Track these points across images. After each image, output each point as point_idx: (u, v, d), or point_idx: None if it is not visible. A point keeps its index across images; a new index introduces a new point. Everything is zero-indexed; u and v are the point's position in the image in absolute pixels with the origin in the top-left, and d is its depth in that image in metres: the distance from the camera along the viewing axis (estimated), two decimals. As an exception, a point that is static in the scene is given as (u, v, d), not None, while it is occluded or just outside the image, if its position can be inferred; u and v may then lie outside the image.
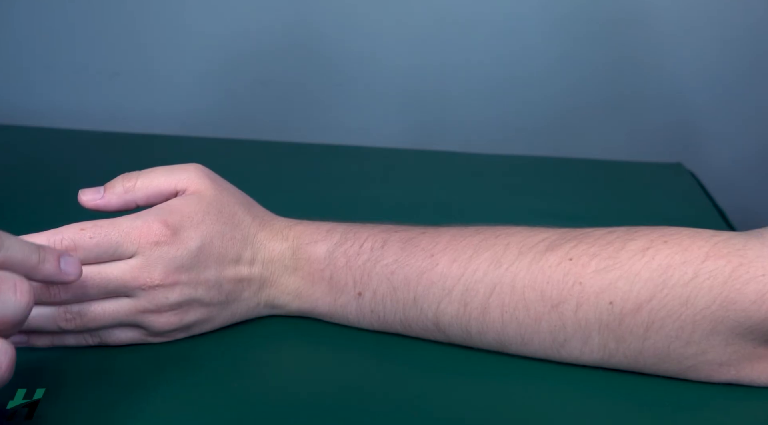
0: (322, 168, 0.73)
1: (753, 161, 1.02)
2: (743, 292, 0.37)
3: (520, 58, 0.99)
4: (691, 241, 0.39)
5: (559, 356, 0.41)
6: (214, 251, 0.42)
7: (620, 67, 0.99)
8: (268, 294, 0.45)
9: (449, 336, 0.43)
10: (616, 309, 0.39)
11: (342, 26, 1.00)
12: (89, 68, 1.04)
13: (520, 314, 0.40)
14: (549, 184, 0.72)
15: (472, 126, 1.02)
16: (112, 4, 1.01)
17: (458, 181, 0.73)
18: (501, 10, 0.97)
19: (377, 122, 1.03)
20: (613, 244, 0.40)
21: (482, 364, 0.42)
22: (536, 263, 0.40)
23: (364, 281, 0.43)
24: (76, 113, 1.04)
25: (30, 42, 1.03)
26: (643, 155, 0.89)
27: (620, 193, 0.71)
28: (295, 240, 0.44)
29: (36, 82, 1.06)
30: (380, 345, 0.44)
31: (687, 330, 0.38)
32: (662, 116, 1.01)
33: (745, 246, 0.38)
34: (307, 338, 0.45)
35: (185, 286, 0.41)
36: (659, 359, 0.39)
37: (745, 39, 0.96)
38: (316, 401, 0.39)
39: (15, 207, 0.61)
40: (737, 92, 0.99)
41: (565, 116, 1.02)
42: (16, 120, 0.95)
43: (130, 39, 1.02)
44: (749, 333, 0.38)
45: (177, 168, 0.44)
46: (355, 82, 1.02)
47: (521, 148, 0.94)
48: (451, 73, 1.01)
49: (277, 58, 1.02)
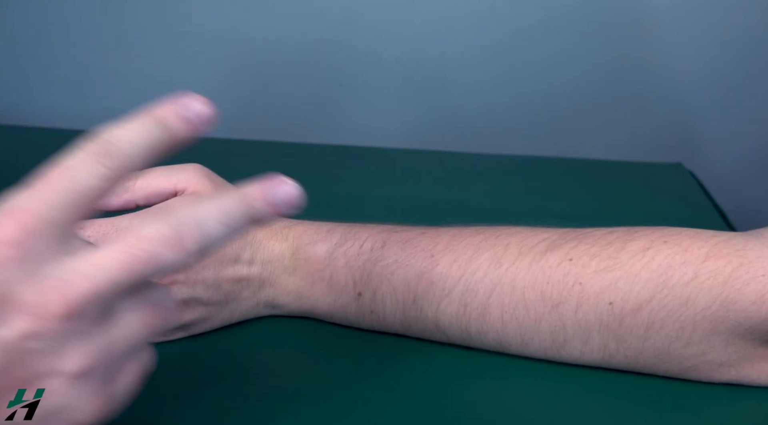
0: (322, 168, 0.73)
1: (753, 161, 1.02)
2: (743, 292, 0.37)
3: (520, 58, 0.99)
4: (691, 241, 0.39)
5: (559, 356, 0.41)
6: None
7: (620, 66, 0.99)
8: (268, 294, 0.45)
9: (449, 337, 0.43)
10: (616, 310, 0.39)
11: (342, 26, 1.00)
12: (89, 68, 1.04)
13: (520, 314, 0.40)
14: (549, 184, 0.72)
15: (472, 126, 1.02)
16: (112, 4, 1.01)
17: (458, 181, 0.73)
18: (501, 12, 0.97)
19: (377, 122, 1.03)
20: (613, 244, 0.40)
21: (482, 364, 0.42)
22: (536, 263, 0.40)
23: (364, 281, 0.43)
24: (76, 113, 1.04)
25: (30, 42, 1.03)
26: (643, 155, 0.89)
27: (620, 193, 0.71)
28: (294, 241, 0.44)
29: (36, 82, 1.06)
30: (380, 345, 0.44)
31: (687, 330, 0.38)
32: (662, 116, 1.01)
33: (745, 247, 0.38)
34: (307, 338, 0.45)
35: (183, 285, 0.41)
36: (659, 359, 0.39)
37: (745, 39, 0.96)
38: (316, 401, 0.39)
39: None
40: (737, 92, 0.99)
41: (565, 115, 1.01)
42: (16, 120, 0.95)
43: (130, 39, 1.02)
44: (749, 333, 0.38)
45: (177, 168, 0.44)
46: (356, 83, 1.02)
47: (521, 148, 0.94)
48: (451, 73, 1.01)
49: (277, 58, 1.02)
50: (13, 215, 0.26)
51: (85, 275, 0.26)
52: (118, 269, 0.27)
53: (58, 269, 0.26)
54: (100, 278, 0.26)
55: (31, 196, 0.27)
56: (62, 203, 0.27)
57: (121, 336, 0.28)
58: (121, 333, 0.28)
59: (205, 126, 0.29)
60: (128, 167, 0.28)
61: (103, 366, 0.28)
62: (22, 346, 0.26)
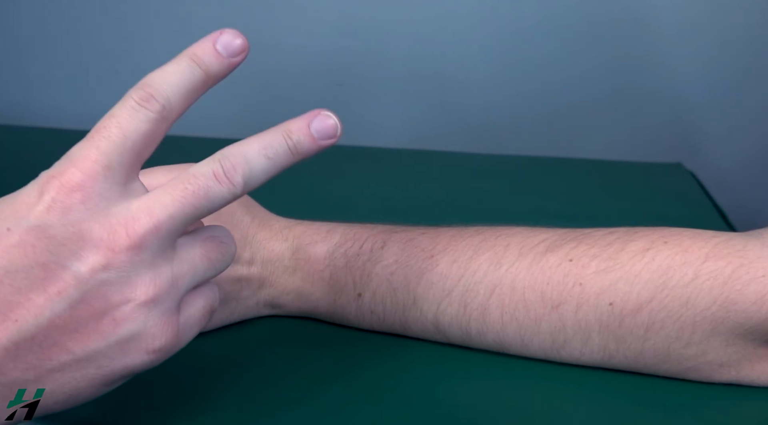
0: (323, 168, 0.73)
1: (753, 161, 1.02)
2: (743, 293, 0.37)
3: (519, 58, 0.99)
4: (691, 242, 0.39)
5: (559, 357, 0.41)
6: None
7: (620, 66, 0.99)
8: (268, 294, 0.45)
9: (449, 337, 0.43)
10: (616, 310, 0.39)
11: (342, 26, 1.00)
12: (89, 68, 1.04)
13: (520, 315, 0.40)
14: (549, 184, 0.72)
15: (471, 126, 1.02)
16: (112, 4, 1.01)
17: (458, 181, 0.73)
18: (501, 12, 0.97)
19: (377, 121, 1.03)
20: (613, 245, 0.40)
21: (482, 364, 0.42)
22: (536, 264, 0.40)
23: (363, 282, 0.43)
24: (76, 113, 1.03)
25: (30, 42, 1.03)
26: (643, 155, 0.89)
27: (620, 193, 0.71)
28: (294, 241, 0.44)
29: (36, 82, 1.06)
30: (380, 345, 0.44)
31: (687, 330, 0.38)
32: (662, 116, 1.01)
33: (745, 247, 0.38)
34: (307, 338, 0.45)
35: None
36: (659, 360, 0.39)
37: (745, 39, 0.96)
38: (316, 401, 0.39)
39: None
40: (737, 92, 0.99)
41: (565, 115, 1.01)
42: (16, 120, 0.95)
43: (130, 39, 1.02)
44: (749, 333, 0.38)
45: (177, 168, 0.44)
46: (356, 82, 1.02)
47: (521, 148, 0.94)
48: (451, 73, 1.01)
49: (277, 58, 1.02)
50: (76, 163, 0.29)
51: (146, 211, 0.30)
52: (176, 204, 0.30)
53: (122, 207, 0.30)
54: (160, 213, 0.30)
55: (87, 144, 0.30)
56: (114, 148, 0.30)
57: (185, 268, 0.31)
58: (185, 266, 0.31)
59: (238, 58, 0.32)
60: (170, 108, 0.31)
61: (171, 296, 0.31)
62: (97, 278, 0.29)
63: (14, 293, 0.28)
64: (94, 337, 0.29)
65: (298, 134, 0.32)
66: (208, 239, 0.33)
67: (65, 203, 0.29)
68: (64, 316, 0.29)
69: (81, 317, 0.29)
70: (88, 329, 0.29)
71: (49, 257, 0.28)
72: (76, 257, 0.29)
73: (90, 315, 0.29)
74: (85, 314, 0.29)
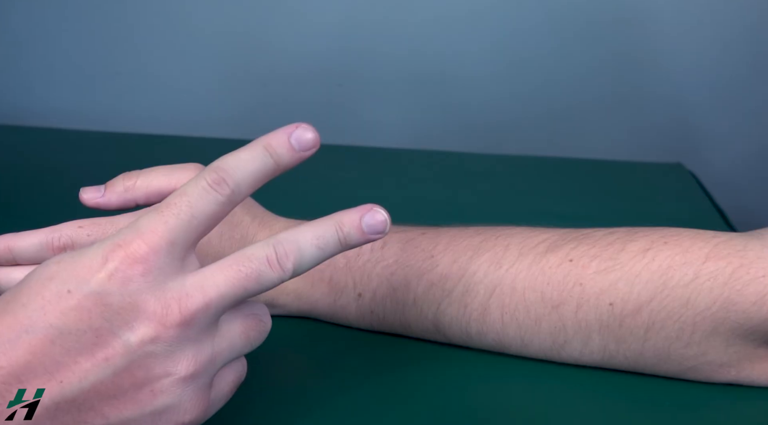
0: (323, 168, 0.73)
1: (753, 161, 1.02)
2: (744, 293, 0.37)
3: (520, 58, 0.99)
4: (691, 242, 0.39)
5: (560, 357, 0.41)
6: (211, 250, 0.42)
7: (620, 66, 0.99)
8: (267, 294, 0.45)
9: (449, 337, 0.43)
10: (617, 311, 0.39)
11: (342, 25, 1.00)
12: (89, 68, 1.04)
13: (521, 315, 0.40)
14: (549, 184, 0.72)
15: (472, 126, 1.02)
16: (112, 5, 1.01)
17: (458, 181, 0.73)
18: (501, 12, 0.97)
19: (377, 121, 1.03)
20: (613, 245, 0.40)
21: (482, 364, 0.42)
22: (536, 264, 0.40)
23: (363, 282, 0.43)
24: (76, 113, 1.04)
25: (30, 42, 1.03)
26: (643, 155, 0.89)
27: (620, 193, 0.71)
28: (295, 241, 0.44)
29: (36, 82, 1.06)
30: (380, 345, 0.44)
31: (687, 331, 0.38)
32: (662, 116, 1.01)
33: (745, 247, 0.38)
34: (307, 338, 0.45)
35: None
36: (659, 360, 0.39)
37: (745, 39, 0.96)
38: (316, 401, 0.39)
39: (15, 207, 0.61)
40: (737, 92, 0.99)
41: (565, 115, 1.02)
42: (16, 120, 0.95)
43: (130, 39, 1.02)
44: (750, 334, 0.38)
45: (177, 168, 0.44)
46: (356, 82, 1.02)
47: (521, 147, 0.94)
48: (451, 73, 1.01)
49: (277, 57, 1.02)
50: (143, 236, 0.30)
51: (200, 288, 0.30)
52: (228, 285, 0.30)
53: (177, 282, 0.30)
54: (212, 292, 0.30)
55: (156, 218, 0.30)
56: (181, 226, 0.30)
57: (224, 345, 0.32)
58: (225, 343, 0.32)
59: (309, 152, 0.33)
60: (238, 192, 0.32)
61: (208, 372, 0.31)
62: (145, 349, 0.29)
63: (63, 354, 0.28)
64: (131, 406, 0.30)
65: (350, 227, 0.33)
66: (249, 316, 0.33)
67: (126, 274, 0.29)
68: (107, 382, 0.29)
69: (122, 385, 0.29)
70: (126, 397, 0.29)
71: (102, 323, 0.29)
72: (128, 327, 0.29)
73: (131, 384, 0.29)
74: (127, 383, 0.29)
